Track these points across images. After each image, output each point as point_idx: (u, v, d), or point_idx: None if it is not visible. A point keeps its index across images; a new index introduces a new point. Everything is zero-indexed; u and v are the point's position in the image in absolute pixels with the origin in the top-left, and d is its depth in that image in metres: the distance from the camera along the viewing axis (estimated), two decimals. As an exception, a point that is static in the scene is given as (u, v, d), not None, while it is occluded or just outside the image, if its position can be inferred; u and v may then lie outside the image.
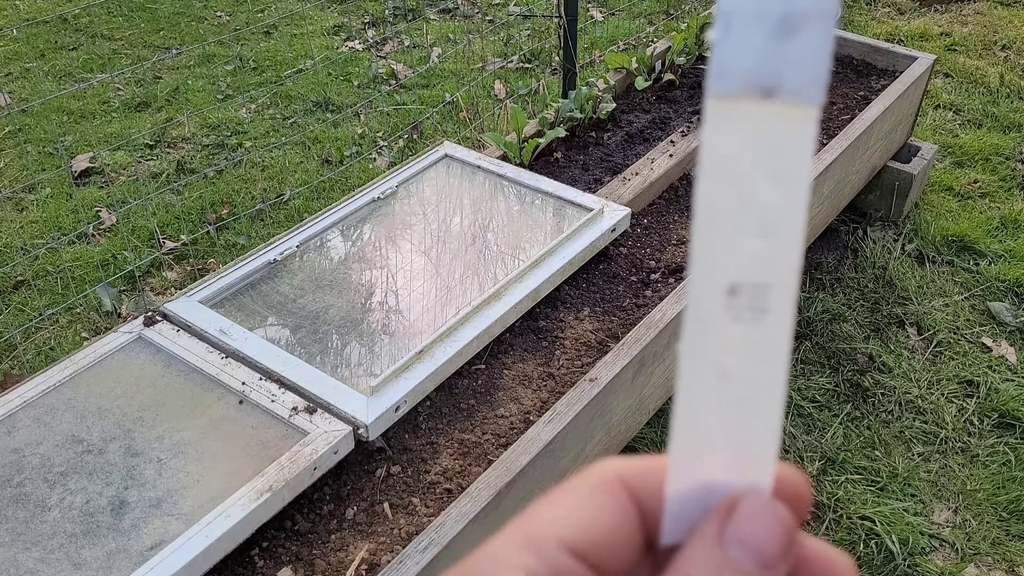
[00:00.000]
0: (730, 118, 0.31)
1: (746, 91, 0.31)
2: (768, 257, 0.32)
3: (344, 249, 2.04)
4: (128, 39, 4.42)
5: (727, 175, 0.32)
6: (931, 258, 2.82)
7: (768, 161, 0.31)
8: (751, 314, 0.33)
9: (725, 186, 0.32)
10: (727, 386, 0.33)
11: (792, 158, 0.31)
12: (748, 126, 0.31)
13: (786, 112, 0.31)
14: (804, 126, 0.31)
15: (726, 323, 0.33)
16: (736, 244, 0.32)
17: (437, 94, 3.78)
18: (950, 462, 2.18)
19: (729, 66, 0.31)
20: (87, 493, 1.46)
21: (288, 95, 3.84)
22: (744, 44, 0.31)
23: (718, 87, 0.31)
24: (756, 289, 0.32)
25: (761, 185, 0.32)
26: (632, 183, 2.30)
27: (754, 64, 0.31)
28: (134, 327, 1.77)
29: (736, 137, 0.31)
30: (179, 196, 3.15)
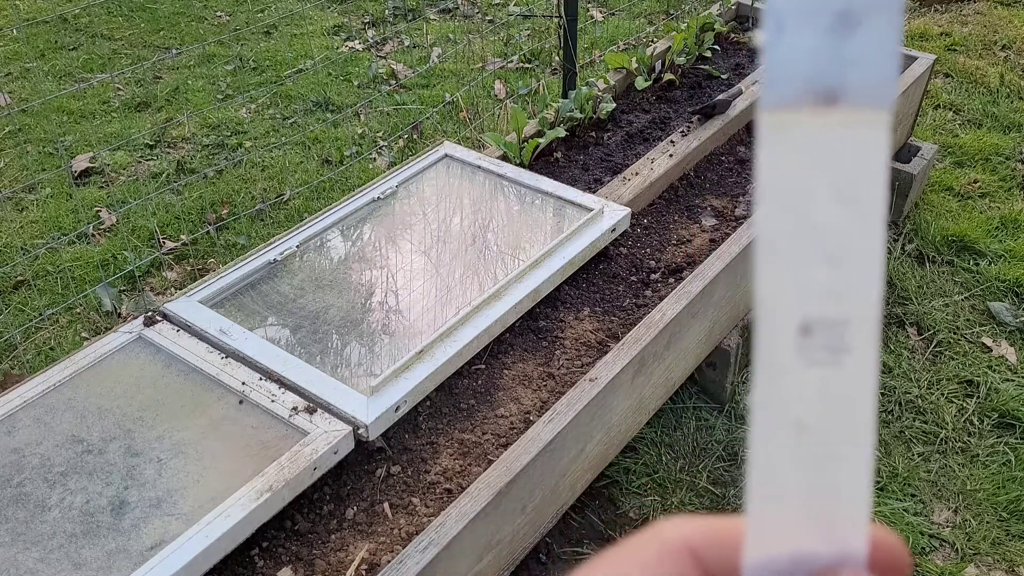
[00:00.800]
0: (790, 132, 0.28)
1: (805, 99, 0.27)
2: (843, 288, 0.28)
3: (344, 249, 2.04)
4: (128, 39, 4.42)
5: (790, 198, 0.28)
6: (931, 258, 2.82)
7: (837, 177, 0.28)
8: (829, 355, 0.29)
9: (788, 210, 0.28)
10: (807, 441, 0.29)
11: (864, 172, 0.28)
12: (811, 139, 0.28)
13: (853, 119, 0.27)
14: (874, 133, 0.27)
15: (801, 368, 0.29)
16: (806, 276, 0.28)
17: (437, 94, 3.78)
18: (950, 462, 2.18)
19: (784, 71, 0.27)
20: (87, 493, 1.46)
21: (288, 95, 3.84)
22: (799, 45, 0.27)
23: (773, 97, 0.28)
24: (832, 326, 0.29)
25: (830, 206, 0.28)
26: (632, 183, 2.30)
27: (812, 67, 0.27)
28: (134, 327, 1.77)
29: (798, 153, 0.28)
30: (179, 196, 3.15)
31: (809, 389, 0.29)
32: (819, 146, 0.28)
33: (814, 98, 0.27)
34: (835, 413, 0.29)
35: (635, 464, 2.12)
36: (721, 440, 2.20)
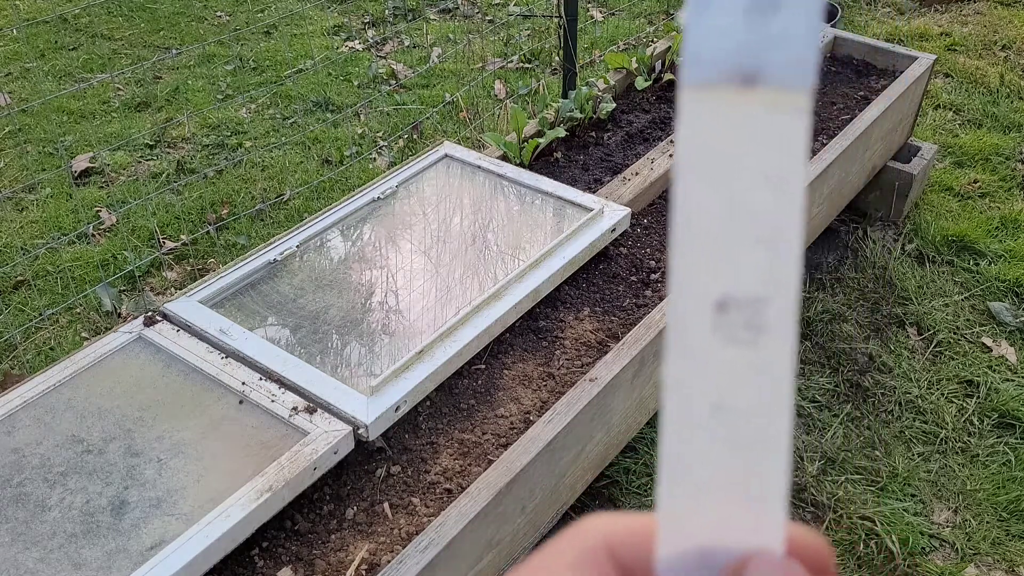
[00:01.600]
0: (710, 110, 0.28)
1: (726, 78, 0.27)
2: (762, 266, 0.28)
3: (344, 249, 2.04)
4: (128, 39, 4.42)
5: (709, 175, 0.28)
6: (931, 258, 2.82)
7: (756, 157, 0.28)
8: (747, 334, 0.28)
9: (707, 187, 0.28)
10: (722, 423, 0.29)
11: (783, 152, 0.27)
12: (731, 118, 0.28)
13: (773, 99, 0.27)
14: (794, 115, 0.27)
15: (717, 346, 0.28)
16: (724, 253, 0.28)
17: (437, 94, 3.78)
18: (950, 462, 2.18)
19: (705, 50, 0.27)
20: (87, 493, 1.46)
21: (288, 95, 3.84)
22: (721, 24, 0.27)
23: (694, 75, 0.27)
24: (751, 304, 0.28)
25: (750, 185, 0.28)
26: (632, 183, 2.30)
27: (733, 46, 0.27)
28: (134, 327, 1.77)
29: (717, 131, 0.28)
30: (179, 196, 3.15)
31: (725, 368, 0.28)
32: (739, 126, 0.27)
33: (734, 78, 0.27)
34: (752, 394, 0.28)
35: (635, 464, 2.13)
36: (721, 440, 2.20)
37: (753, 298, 0.28)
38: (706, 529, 0.29)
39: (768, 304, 0.28)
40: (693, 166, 0.28)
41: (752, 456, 0.29)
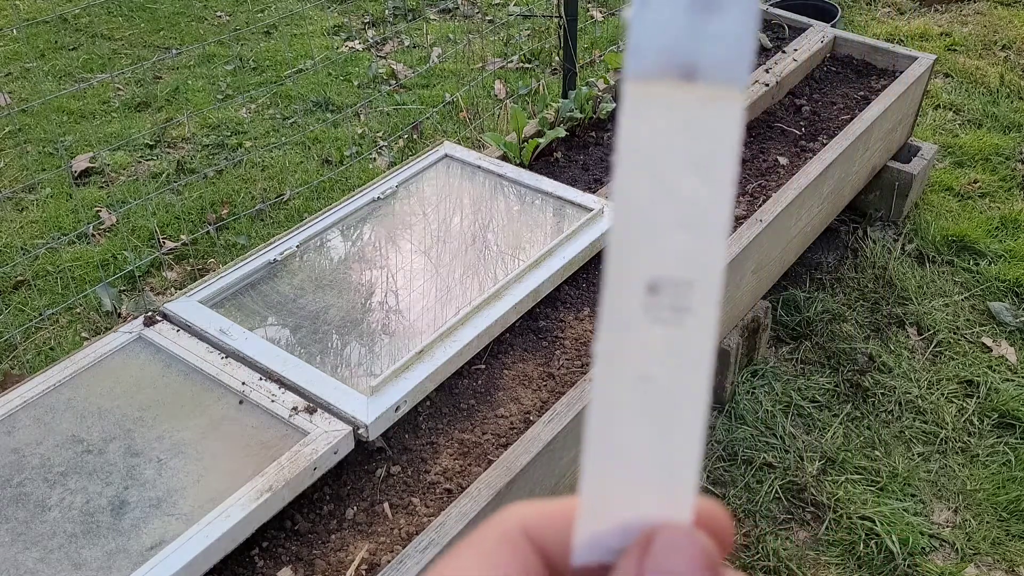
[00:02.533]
0: (649, 102, 0.29)
1: (665, 72, 0.29)
2: (690, 252, 0.30)
3: (344, 249, 2.04)
4: (128, 39, 4.42)
5: (646, 164, 0.29)
6: (931, 258, 2.82)
7: (690, 148, 0.29)
8: (673, 315, 0.30)
9: (644, 176, 0.30)
10: (646, 394, 0.30)
11: (715, 145, 0.29)
12: (668, 111, 0.29)
13: (708, 95, 0.29)
14: (728, 110, 0.29)
15: (647, 324, 0.30)
16: (656, 238, 0.30)
17: (437, 94, 3.78)
18: (950, 462, 2.18)
19: (647, 44, 0.29)
20: (87, 493, 1.46)
21: (288, 95, 3.84)
22: (663, 20, 0.28)
23: (635, 67, 0.29)
24: (678, 287, 0.30)
25: (682, 175, 0.29)
26: (632, 183, 2.29)
27: (673, 41, 0.28)
28: (134, 327, 1.77)
29: (655, 123, 0.29)
30: (179, 196, 3.15)
31: (653, 345, 0.30)
32: (677, 118, 0.29)
33: (674, 72, 0.29)
34: (675, 370, 0.30)
35: (635, 464, 2.12)
36: (721, 440, 2.21)
37: (679, 281, 0.30)
38: (623, 504, 0.31)
39: (693, 287, 0.30)
40: (630, 154, 0.29)
41: (668, 429, 0.30)
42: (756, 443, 2.20)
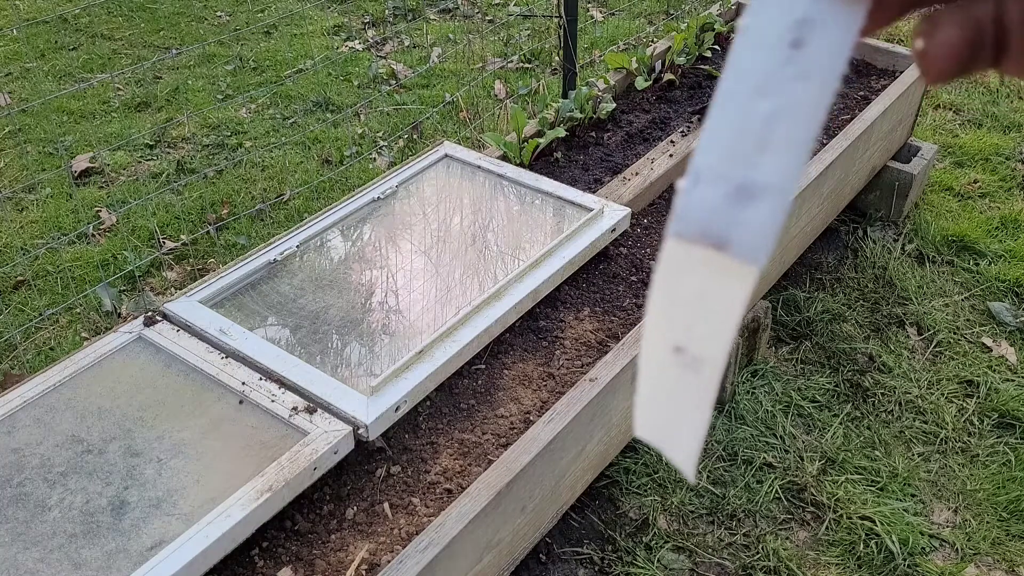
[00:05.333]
0: (683, 258, 0.34)
1: (701, 238, 0.33)
2: (690, 386, 0.36)
3: (344, 249, 2.04)
4: (128, 39, 4.42)
5: (671, 306, 0.35)
6: (931, 258, 2.81)
7: (705, 302, 0.35)
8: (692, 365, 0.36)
9: (668, 312, 0.35)
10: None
11: (725, 306, 0.34)
12: (697, 269, 0.34)
13: (730, 266, 0.33)
14: (743, 281, 0.33)
15: (674, 368, 0.37)
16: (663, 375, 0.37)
17: (437, 94, 3.78)
18: (950, 462, 2.18)
19: (690, 213, 0.34)
20: (87, 493, 1.46)
21: (288, 95, 3.84)
22: (706, 198, 0.33)
23: (677, 228, 0.34)
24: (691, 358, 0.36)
25: (695, 323, 0.35)
26: (632, 183, 2.30)
27: (711, 217, 0.33)
28: (134, 327, 1.77)
29: (684, 275, 0.34)
30: (179, 196, 3.15)
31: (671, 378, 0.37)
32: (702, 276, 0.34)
33: (707, 241, 0.34)
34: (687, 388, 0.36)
35: (635, 464, 2.12)
36: (721, 440, 2.20)
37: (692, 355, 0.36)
38: None
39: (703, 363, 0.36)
40: (660, 297, 0.36)
41: None
42: (756, 443, 2.20)
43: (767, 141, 0.33)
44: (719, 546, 1.98)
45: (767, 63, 0.33)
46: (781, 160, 0.33)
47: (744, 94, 0.33)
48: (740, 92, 0.33)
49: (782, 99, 0.33)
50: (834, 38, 0.33)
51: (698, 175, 0.34)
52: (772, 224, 0.33)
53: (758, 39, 0.33)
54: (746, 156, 0.33)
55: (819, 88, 0.33)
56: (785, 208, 0.33)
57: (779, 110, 0.33)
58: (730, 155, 0.33)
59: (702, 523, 2.03)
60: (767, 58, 0.33)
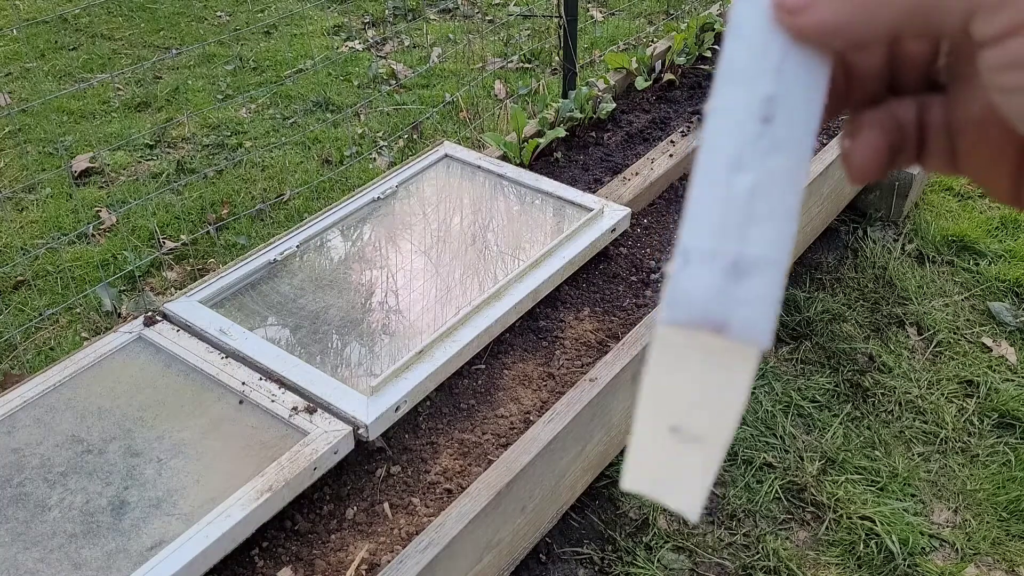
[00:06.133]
0: (678, 348, 0.33)
1: (697, 323, 0.32)
2: (696, 467, 0.35)
3: (344, 249, 2.04)
4: (128, 39, 4.42)
5: (667, 391, 0.34)
6: (931, 258, 2.81)
7: (706, 387, 0.34)
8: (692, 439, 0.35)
9: (664, 397, 0.34)
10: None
11: (728, 389, 0.33)
12: (695, 354, 0.33)
13: (731, 348, 0.33)
14: (746, 363, 0.33)
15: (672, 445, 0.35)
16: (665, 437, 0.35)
17: (437, 94, 3.78)
18: (950, 462, 2.18)
19: (683, 297, 0.32)
20: (87, 493, 1.46)
21: (288, 95, 3.84)
22: (699, 280, 0.32)
23: (671, 315, 0.33)
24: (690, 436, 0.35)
25: (695, 406, 0.34)
26: (632, 183, 2.30)
27: (706, 299, 0.32)
28: (134, 327, 1.77)
29: (682, 362, 0.34)
30: (179, 196, 3.15)
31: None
32: (701, 365, 0.33)
33: (704, 324, 0.32)
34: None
35: (635, 464, 2.12)
36: (721, 440, 2.20)
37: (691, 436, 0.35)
38: None
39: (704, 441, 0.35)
40: (654, 391, 0.35)
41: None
42: (756, 443, 2.20)
43: (752, 214, 0.33)
44: (719, 546, 1.98)
45: (741, 138, 0.33)
46: (769, 231, 0.33)
47: (722, 170, 0.33)
48: (718, 168, 0.33)
49: (760, 173, 0.33)
50: (801, 113, 0.33)
51: (687, 256, 0.33)
52: (770, 298, 0.32)
53: (729, 117, 0.33)
54: (734, 231, 0.33)
55: (794, 159, 0.33)
56: (781, 280, 0.32)
57: (758, 183, 0.33)
58: (717, 232, 0.33)
59: (702, 523, 2.03)
60: (740, 133, 0.33)
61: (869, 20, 0.31)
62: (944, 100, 0.37)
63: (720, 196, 0.33)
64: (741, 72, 0.33)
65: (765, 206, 0.33)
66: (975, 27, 0.29)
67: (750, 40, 0.33)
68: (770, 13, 0.33)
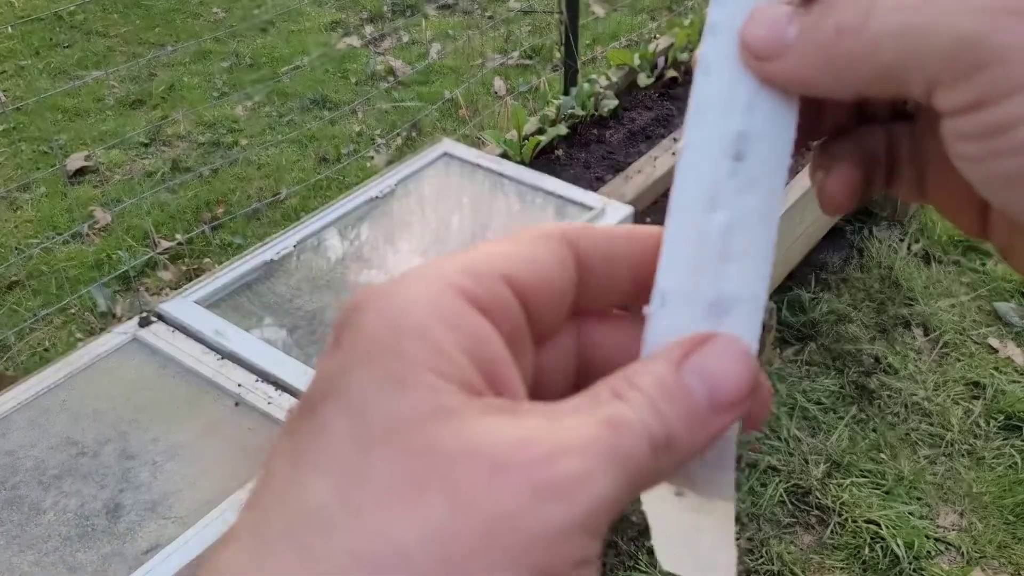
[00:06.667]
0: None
1: None
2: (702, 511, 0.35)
3: (341, 249, 2.01)
4: (123, 36, 4.40)
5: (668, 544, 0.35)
6: (937, 258, 2.79)
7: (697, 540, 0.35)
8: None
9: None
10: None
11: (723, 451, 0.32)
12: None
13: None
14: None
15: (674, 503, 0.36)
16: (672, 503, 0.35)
17: (436, 91, 3.76)
18: (956, 465, 2.16)
19: (662, 339, 0.32)
20: (82, 496, 1.44)
21: (285, 92, 3.82)
22: (677, 319, 0.32)
23: (649, 355, 0.32)
24: None
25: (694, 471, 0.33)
26: (635, 181, 2.28)
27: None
28: (129, 328, 1.75)
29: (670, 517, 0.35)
30: (174, 195, 3.13)
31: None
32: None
33: None
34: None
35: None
36: (725, 442, 2.18)
37: None
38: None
39: None
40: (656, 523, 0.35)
41: None
42: (760, 446, 2.18)
43: (728, 252, 0.32)
44: (723, 550, 1.95)
45: (713, 176, 0.33)
46: (746, 269, 0.32)
47: (696, 209, 0.33)
48: (692, 207, 0.33)
49: (734, 210, 0.33)
50: (772, 150, 0.33)
51: (664, 297, 0.32)
52: (750, 333, 0.32)
53: (701, 154, 0.33)
54: (710, 270, 0.32)
55: (767, 196, 0.33)
56: (760, 315, 0.32)
57: (733, 221, 0.33)
58: (694, 271, 0.32)
59: (706, 526, 2.00)
60: (713, 171, 0.33)
61: (835, 81, 0.31)
62: (911, 129, 0.37)
63: (695, 235, 0.33)
64: (711, 109, 0.33)
65: (741, 244, 0.33)
66: (936, 99, 0.30)
67: (720, 77, 0.33)
68: (739, 52, 0.33)
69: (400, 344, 0.28)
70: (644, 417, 0.28)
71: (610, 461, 0.26)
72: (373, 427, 0.26)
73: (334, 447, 0.26)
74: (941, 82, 0.29)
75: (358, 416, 0.26)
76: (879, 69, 0.30)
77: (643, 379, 0.29)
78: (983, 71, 0.28)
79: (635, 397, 0.28)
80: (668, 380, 0.29)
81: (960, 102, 0.29)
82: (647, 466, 0.28)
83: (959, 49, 0.28)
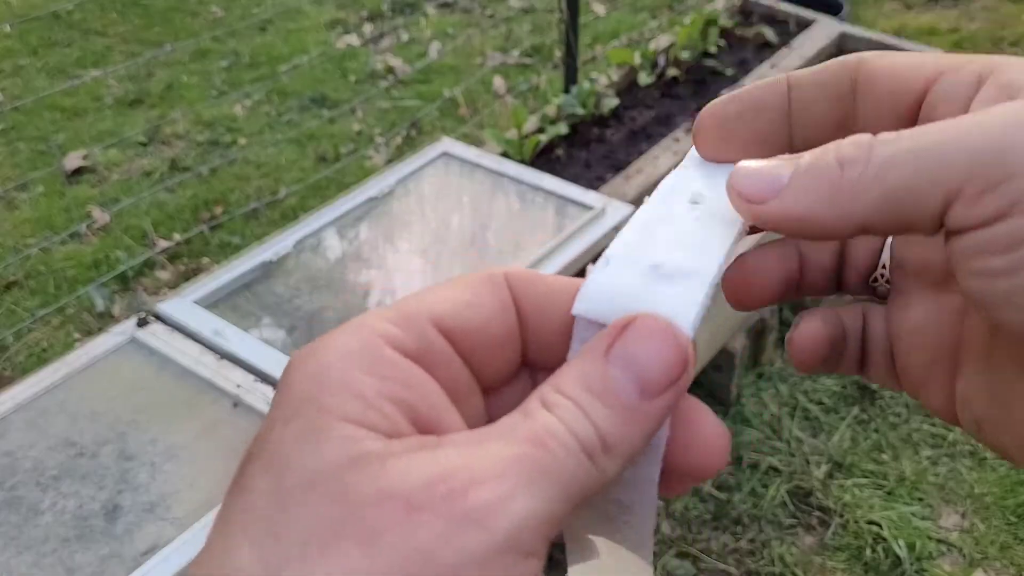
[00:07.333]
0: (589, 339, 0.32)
1: (608, 316, 0.31)
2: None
3: (341, 249, 2.01)
4: (121, 35, 4.38)
5: None
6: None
7: None
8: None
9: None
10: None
11: None
12: None
13: None
14: None
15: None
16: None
17: (436, 90, 3.75)
18: (958, 465, 2.15)
19: (597, 293, 0.31)
20: (80, 497, 1.43)
21: (283, 91, 3.81)
22: (618, 278, 0.32)
23: (581, 307, 0.32)
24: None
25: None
26: (635, 180, 2.27)
27: (622, 294, 0.31)
28: (127, 328, 1.74)
29: None
30: (172, 194, 3.12)
31: None
32: None
33: (615, 318, 0.31)
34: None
35: (638, 467, 2.09)
36: (725, 442, 2.17)
37: None
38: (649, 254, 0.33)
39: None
40: None
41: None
42: (762, 447, 2.17)
43: (686, 236, 0.33)
44: (724, 552, 1.95)
45: (671, 210, 0.35)
46: (699, 249, 0.33)
47: (674, 201, 0.35)
48: (649, 223, 0.34)
49: (708, 205, 0.35)
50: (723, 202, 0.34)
51: (608, 259, 0.32)
52: (693, 301, 0.31)
53: (662, 199, 0.35)
54: (662, 247, 0.33)
55: (721, 231, 0.34)
56: (704, 293, 0.31)
57: (702, 214, 0.34)
58: (645, 245, 0.33)
59: (706, 528, 2.00)
60: (671, 205, 0.35)
61: (839, 215, 0.30)
62: (883, 311, 0.38)
63: (649, 228, 0.34)
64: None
65: (702, 233, 0.33)
66: (954, 214, 0.29)
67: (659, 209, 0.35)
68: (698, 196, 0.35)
69: (321, 398, 0.28)
70: (572, 425, 0.27)
71: (533, 479, 0.26)
72: (291, 482, 0.26)
73: (255, 508, 0.26)
74: (964, 194, 0.28)
75: (277, 473, 0.26)
76: (889, 192, 0.29)
77: (568, 384, 0.29)
78: (1011, 180, 0.27)
79: (562, 404, 0.28)
80: (593, 379, 0.28)
81: (985, 213, 0.28)
82: (585, 473, 0.27)
83: (982, 161, 0.28)
